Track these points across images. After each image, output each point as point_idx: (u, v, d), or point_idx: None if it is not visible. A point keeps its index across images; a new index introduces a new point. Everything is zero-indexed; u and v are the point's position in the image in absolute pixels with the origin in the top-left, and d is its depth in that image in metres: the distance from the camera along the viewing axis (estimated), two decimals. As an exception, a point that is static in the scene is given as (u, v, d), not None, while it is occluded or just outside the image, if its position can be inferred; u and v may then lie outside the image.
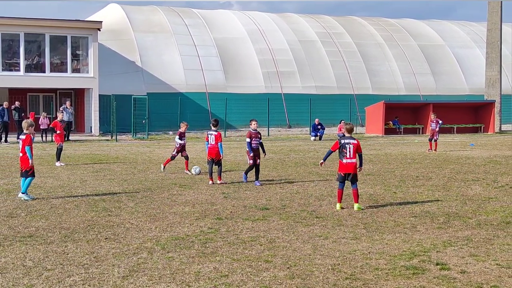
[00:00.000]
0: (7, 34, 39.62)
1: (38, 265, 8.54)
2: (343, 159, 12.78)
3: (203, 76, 47.59)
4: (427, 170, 20.14)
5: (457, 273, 8.14)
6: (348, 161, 12.77)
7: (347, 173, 12.77)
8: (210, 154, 17.12)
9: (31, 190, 14.97)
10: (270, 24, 54.50)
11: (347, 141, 12.79)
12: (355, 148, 12.76)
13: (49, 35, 40.00)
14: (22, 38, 39.25)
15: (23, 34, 39.26)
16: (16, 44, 39.60)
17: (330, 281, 7.81)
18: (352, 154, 12.75)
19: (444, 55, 57.41)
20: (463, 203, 13.64)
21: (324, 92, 49.96)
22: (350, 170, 12.75)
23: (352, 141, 12.80)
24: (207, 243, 9.85)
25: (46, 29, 39.85)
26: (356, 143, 12.84)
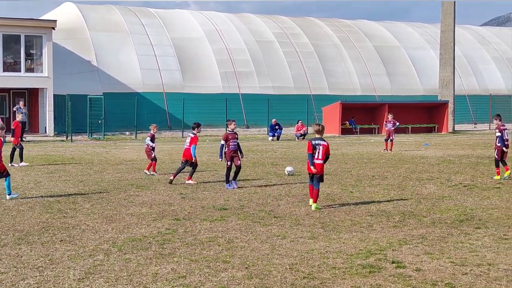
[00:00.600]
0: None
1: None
2: (313, 159, 13.00)
3: (160, 76, 47.28)
4: (382, 169, 20.40)
5: (412, 271, 8.27)
6: (316, 161, 13.01)
7: (314, 173, 13.02)
8: (184, 155, 17.23)
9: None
10: (227, 24, 54.46)
11: (317, 142, 13.04)
12: (324, 149, 13.01)
13: (2, 34, 39.21)
14: (-26, 37, 38.40)
15: (-25, 33, 38.41)
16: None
17: (288, 280, 7.85)
18: (321, 155, 12.99)
19: (399, 56, 58.24)
20: (418, 202, 13.86)
21: (282, 92, 50.16)
22: (317, 169, 12.99)
23: (322, 143, 13.05)
24: (164, 244, 9.79)
25: None
26: (326, 145, 13.08)
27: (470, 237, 10.25)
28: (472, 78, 59.42)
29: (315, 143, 13.03)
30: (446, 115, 45.98)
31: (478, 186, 16.39)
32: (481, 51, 63.04)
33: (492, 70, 61.28)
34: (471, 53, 61.79)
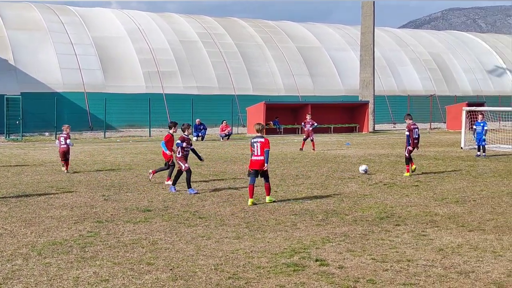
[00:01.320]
0: None
1: None
2: (252, 156, 13.62)
3: (81, 76, 46.31)
4: (306, 169, 20.67)
5: (335, 268, 8.41)
6: (255, 158, 13.58)
7: (256, 169, 13.57)
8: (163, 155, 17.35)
9: None
10: (150, 23, 53.92)
11: (255, 139, 13.63)
12: (262, 145, 13.51)
13: None
14: None
15: None
16: None
17: (213, 281, 7.83)
18: (259, 152, 13.54)
19: (321, 57, 59.23)
20: (340, 200, 14.12)
21: (206, 93, 50.09)
22: (257, 166, 13.55)
23: (260, 140, 13.62)
24: (86, 247, 9.58)
25: None
26: (263, 141, 13.57)
27: (390, 234, 10.52)
28: (391, 79, 61.14)
29: (253, 141, 13.65)
30: (367, 115, 47.09)
31: (397, 184, 16.86)
32: (399, 53, 64.97)
33: (409, 71, 63.26)
34: (390, 55, 63.57)
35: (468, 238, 10.15)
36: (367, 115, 47.08)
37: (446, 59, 67.50)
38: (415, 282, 7.78)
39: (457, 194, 15.00)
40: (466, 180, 17.54)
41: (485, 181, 17.45)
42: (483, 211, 12.66)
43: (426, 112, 55.84)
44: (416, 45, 67.82)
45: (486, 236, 10.29)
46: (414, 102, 56.33)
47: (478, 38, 76.91)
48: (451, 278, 7.93)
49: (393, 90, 59.88)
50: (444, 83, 64.13)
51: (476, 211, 12.66)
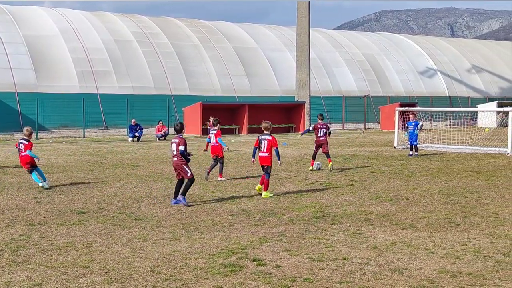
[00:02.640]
0: None
1: None
2: (259, 153, 14.80)
3: (12, 75, 45.07)
4: (243, 169, 20.71)
5: (273, 268, 8.45)
6: (262, 154, 14.76)
7: (262, 165, 14.77)
8: (213, 151, 18.21)
9: None
10: (84, 22, 52.98)
11: (263, 137, 14.84)
12: (269, 143, 14.69)
13: None
14: None
15: None
16: None
17: (150, 283, 7.75)
18: (266, 149, 14.71)
19: (257, 57, 59.50)
20: (277, 200, 14.21)
21: (141, 93, 49.57)
22: (264, 162, 14.73)
23: (267, 138, 14.81)
24: (18, 251, 9.33)
25: None
26: (271, 139, 14.73)
27: (326, 233, 10.66)
28: (327, 79, 61.99)
29: (261, 138, 14.87)
30: (303, 116, 47.57)
31: (333, 183, 17.09)
32: (334, 54, 65.94)
33: (344, 72, 64.29)
34: (325, 56, 64.45)
35: (401, 236, 10.38)
36: (304, 115, 47.56)
37: (380, 60, 68.93)
38: (350, 280, 7.90)
39: (390, 192, 15.32)
40: (399, 179, 17.95)
41: (418, 179, 17.90)
42: (415, 209, 12.98)
43: (360, 112, 56.90)
44: (351, 46, 69.01)
45: (418, 234, 10.55)
46: (349, 102, 57.31)
47: (410, 40, 78.87)
48: (385, 275, 8.09)
49: (328, 90, 60.72)
50: (377, 84, 65.48)
51: (409, 209, 12.97)
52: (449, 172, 19.67)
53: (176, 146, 13.33)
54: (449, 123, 52.77)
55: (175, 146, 13.36)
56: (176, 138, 13.46)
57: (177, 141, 13.37)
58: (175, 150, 13.36)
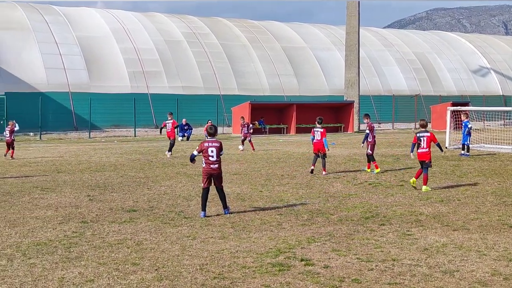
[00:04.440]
0: None
1: None
2: (419, 149, 15.70)
3: (66, 75, 46.05)
4: (291, 168, 20.70)
5: (321, 268, 8.43)
6: (421, 150, 15.65)
7: (421, 160, 15.60)
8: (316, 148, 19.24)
9: None
10: (135, 23, 53.75)
11: (422, 134, 15.72)
12: (429, 139, 15.60)
13: None
14: None
15: None
16: None
17: (199, 281, 7.82)
18: (426, 144, 15.61)
19: (306, 57, 59.32)
20: (325, 200, 14.15)
21: (191, 93, 50.01)
22: (423, 158, 15.60)
23: (426, 134, 15.70)
24: (71, 247, 9.54)
25: None
26: (430, 135, 15.66)
27: (375, 233, 10.56)
28: (376, 79, 61.38)
29: (420, 135, 15.68)
30: (352, 115, 47.23)
31: (382, 184, 16.92)
32: (384, 53, 65.23)
33: (394, 71, 63.53)
34: (375, 55, 63.83)
35: (452, 238, 10.21)
36: (352, 115, 47.23)
37: (431, 59, 67.89)
38: (400, 281, 7.81)
39: (441, 193, 15.09)
40: (451, 180, 17.65)
41: (470, 180, 17.56)
42: (467, 210, 12.75)
43: (411, 112, 56.13)
44: (401, 45, 68.16)
45: (470, 236, 10.36)
46: (399, 102, 56.61)
47: (463, 38, 77.43)
48: (436, 277, 7.98)
49: (378, 90, 60.13)
50: (429, 83, 64.50)
51: (460, 210, 12.75)
52: (503, 173, 19.23)
53: (217, 151, 12.08)
54: (503, 123, 51.59)
55: (215, 152, 12.06)
56: (216, 142, 12.18)
57: (218, 145, 12.16)
58: (215, 156, 12.08)
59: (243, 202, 13.80)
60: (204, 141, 12.23)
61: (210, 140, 12.23)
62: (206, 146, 12.09)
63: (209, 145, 12.11)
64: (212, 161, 12.06)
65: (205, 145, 12.10)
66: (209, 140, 12.24)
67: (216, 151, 12.08)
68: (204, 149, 12.08)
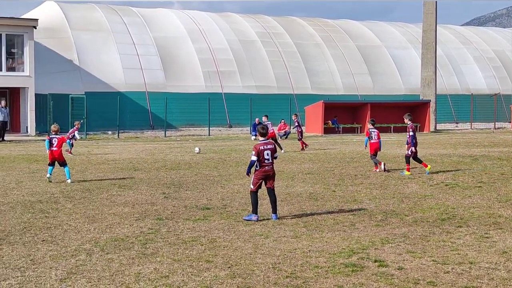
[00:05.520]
0: None
1: (-28, 269, 8.29)
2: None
3: (143, 75, 47.11)
4: (365, 168, 20.47)
5: (395, 269, 8.30)
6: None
7: None
8: (374, 148, 19.79)
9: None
10: (210, 23, 54.41)
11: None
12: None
13: (-17, 32, 38.84)
14: (-46, 35, 38.01)
15: (-45, 31, 38.02)
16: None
17: (271, 279, 7.85)
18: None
19: (381, 55, 58.52)
20: (400, 201, 13.93)
21: (264, 92, 50.21)
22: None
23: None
24: (147, 244, 9.75)
25: (-20, 26, 38.68)
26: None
27: (451, 235, 10.32)
28: (454, 77, 59.89)
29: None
30: (428, 115, 46.29)
31: (459, 185, 16.51)
32: (462, 51, 63.57)
33: (473, 69, 61.81)
34: (452, 53, 62.28)
35: (533, 241, 9.86)
36: (429, 114, 46.28)
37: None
38: (477, 285, 7.61)
39: (522, 195, 14.58)
40: (532, 182, 17.03)
41: (552, 182, 16.90)
42: (549, 213, 12.27)
43: (490, 111, 54.44)
44: (480, 42, 66.22)
45: (552, 239, 9.97)
46: (478, 101, 54.99)
47: (545, 35, 74.48)
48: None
49: (455, 89, 58.68)
50: (509, 82, 62.39)
51: (542, 213, 12.28)
52: None
53: (272, 153, 11.68)
54: None
55: (270, 154, 11.67)
56: (270, 144, 11.75)
57: (272, 147, 11.76)
58: (270, 158, 11.68)
59: (315, 202, 13.76)
60: (259, 144, 11.71)
61: (263, 142, 11.74)
62: (262, 150, 11.61)
63: (265, 147, 11.65)
64: (268, 163, 11.69)
65: (261, 148, 11.61)
66: (262, 142, 11.73)
67: (271, 154, 11.69)
68: (260, 152, 11.61)
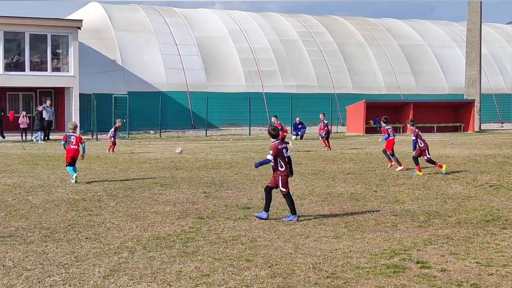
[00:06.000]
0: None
1: (18, 265, 8.47)
2: None
3: (184, 75, 47.45)
4: (408, 170, 20.24)
5: (437, 271, 8.20)
6: None
7: None
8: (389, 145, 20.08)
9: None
10: (251, 23, 54.50)
11: None
12: None
13: (29, 33, 39.62)
14: (2, 37, 38.84)
15: (2, 33, 38.83)
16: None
17: (311, 279, 7.83)
18: None
19: (424, 54, 57.76)
20: (443, 201, 13.74)
21: (305, 91, 50.07)
22: None
23: None
24: (188, 242, 9.82)
25: (26, 27, 39.45)
26: None
27: (496, 237, 10.14)
28: (499, 76, 58.74)
29: None
30: (472, 114, 45.51)
31: (504, 186, 16.20)
32: (508, 50, 62.26)
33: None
34: (497, 52, 61.07)
35: None
36: (473, 114, 45.50)
37: (559, 55, 64.05)
38: (522, 288, 7.46)
39: None
40: None
41: None
42: None
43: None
44: (526, 41, 64.76)
45: None
46: (524, 101, 53.88)
47: None
48: (562, 285, 7.55)
49: (501, 88, 57.53)
50: (556, 81, 60.89)
51: None
52: None
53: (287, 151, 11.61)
54: None
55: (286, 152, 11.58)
56: (284, 143, 11.65)
57: (286, 146, 11.68)
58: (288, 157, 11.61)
59: (357, 202, 13.67)
60: (276, 144, 11.46)
61: (278, 142, 11.53)
62: (280, 148, 11.43)
63: (283, 146, 11.52)
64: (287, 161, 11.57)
65: (279, 147, 11.42)
66: (278, 142, 11.52)
67: (288, 151, 11.62)
68: (279, 151, 11.41)
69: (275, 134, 11.64)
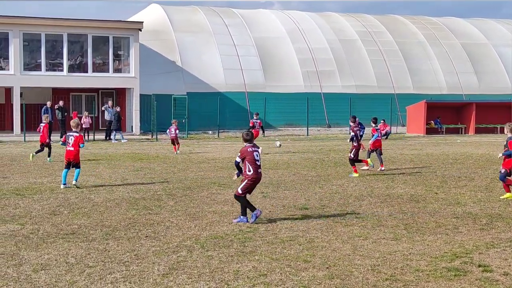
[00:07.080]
0: (51, 35, 40.23)
1: (80, 262, 8.67)
2: None
3: (243, 76, 47.68)
4: (469, 170, 19.82)
5: (500, 275, 7.99)
6: None
7: None
8: None
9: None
10: (310, 23, 54.33)
11: None
12: None
13: (92, 35, 40.56)
14: (65, 39, 39.88)
15: (66, 35, 39.89)
16: (59, 45, 40.24)
17: (370, 281, 7.74)
18: None
19: (487, 54, 56.37)
20: (506, 204, 13.39)
21: (364, 92, 49.58)
22: None
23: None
24: (246, 242, 9.86)
25: (89, 29, 40.43)
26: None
27: (562, 242, 9.81)
28: None
29: None
30: (537, 115, 44.15)
31: None
32: None
33: None
34: None
35: None
36: (537, 114, 44.14)
37: None
38: None
39: None
40: None
41: None
42: None
43: None
44: None
45: None
46: None
47: None
48: None
49: None
50: None
51: None
52: None
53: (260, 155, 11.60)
54: None
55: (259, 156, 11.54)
56: (256, 147, 11.60)
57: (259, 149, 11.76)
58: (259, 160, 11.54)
59: (417, 204, 13.45)
60: (246, 147, 11.37)
61: (250, 145, 11.42)
62: (250, 151, 11.32)
63: (253, 149, 11.40)
64: (259, 165, 11.45)
65: (249, 150, 11.32)
66: (248, 145, 11.42)
67: (259, 155, 11.50)
68: (248, 154, 11.31)
69: (247, 139, 11.52)
